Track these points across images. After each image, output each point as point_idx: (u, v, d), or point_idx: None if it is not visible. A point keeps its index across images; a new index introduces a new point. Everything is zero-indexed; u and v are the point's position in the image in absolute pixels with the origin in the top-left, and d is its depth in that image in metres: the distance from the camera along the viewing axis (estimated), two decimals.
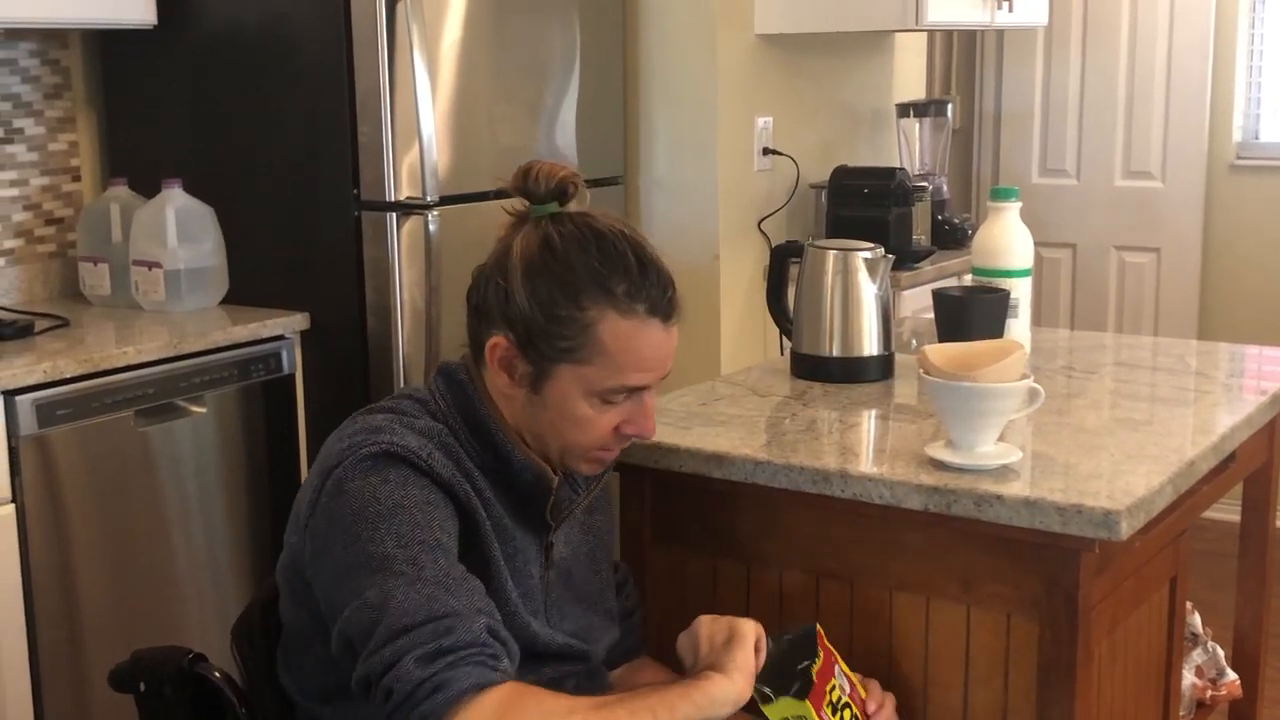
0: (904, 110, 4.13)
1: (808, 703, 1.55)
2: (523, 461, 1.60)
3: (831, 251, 2.24)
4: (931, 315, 2.38)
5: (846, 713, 1.60)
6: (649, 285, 1.55)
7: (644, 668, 1.84)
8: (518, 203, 1.60)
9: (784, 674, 1.58)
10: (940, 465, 1.72)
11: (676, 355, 1.66)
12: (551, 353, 1.54)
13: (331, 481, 1.50)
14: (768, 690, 1.56)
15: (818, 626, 1.63)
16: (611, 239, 1.55)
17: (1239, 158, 4.68)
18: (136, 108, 3.26)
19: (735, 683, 1.51)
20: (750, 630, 1.58)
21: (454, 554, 1.48)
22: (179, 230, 2.99)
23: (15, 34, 3.11)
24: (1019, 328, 2.33)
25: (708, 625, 1.60)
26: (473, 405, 1.60)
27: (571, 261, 1.53)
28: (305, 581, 1.54)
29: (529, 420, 1.60)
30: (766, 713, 1.57)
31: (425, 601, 1.40)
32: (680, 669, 1.63)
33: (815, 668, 1.57)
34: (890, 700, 1.69)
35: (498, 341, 1.56)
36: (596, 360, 1.54)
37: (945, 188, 4.11)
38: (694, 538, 1.92)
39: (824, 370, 2.24)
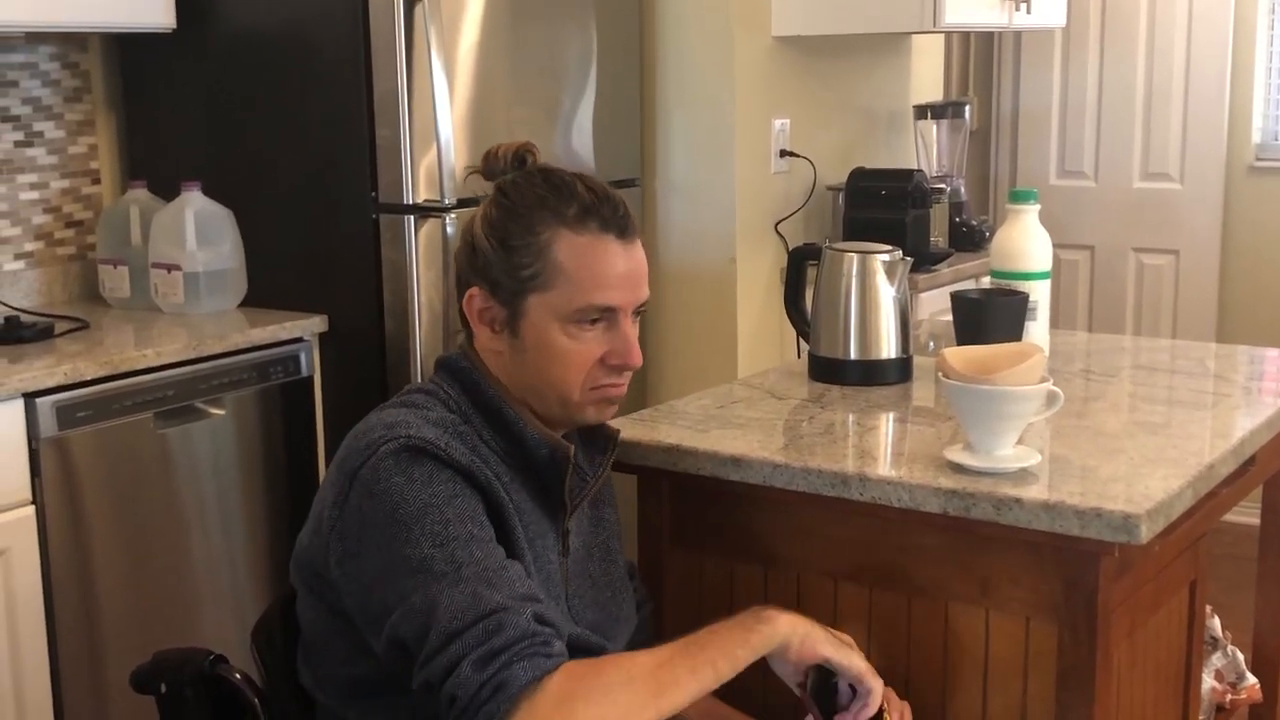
0: (921, 112, 4.13)
1: None
2: (536, 437, 1.61)
3: (850, 254, 2.23)
4: (949, 317, 2.38)
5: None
6: (599, 205, 1.60)
7: None
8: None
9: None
10: (959, 468, 1.72)
11: (692, 357, 1.67)
12: (517, 286, 1.59)
13: (358, 483, 1.51)
14: None
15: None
16: (559, 173, 1.63)
17: (1258, 159, 4.66)
18: (155, 111, 3.28)
19: (798, 622, 1.55)
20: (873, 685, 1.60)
21: (489, 540, 1.50)
22: (198, 233, 3.00)
23: (35, 37, 3.13)
24: (1038, 330, 2.32)
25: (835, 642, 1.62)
26: (478, 388, 1.62)
27: (522, 197, 1.61)
28: (326, 580, 1.55)
29: (521, 374, 1.62)
30: None
31: (471, 601, 1.41)
32: None
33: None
34: (906, 709, 1.69)
35: (472, 294, 1.62)
36: (558, 282, 1.58)
37: (963, 189, 4.11)
38: (711, 540, 1.92)
39: (842, 373, 2.23)
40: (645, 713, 1.41)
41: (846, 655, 1.58)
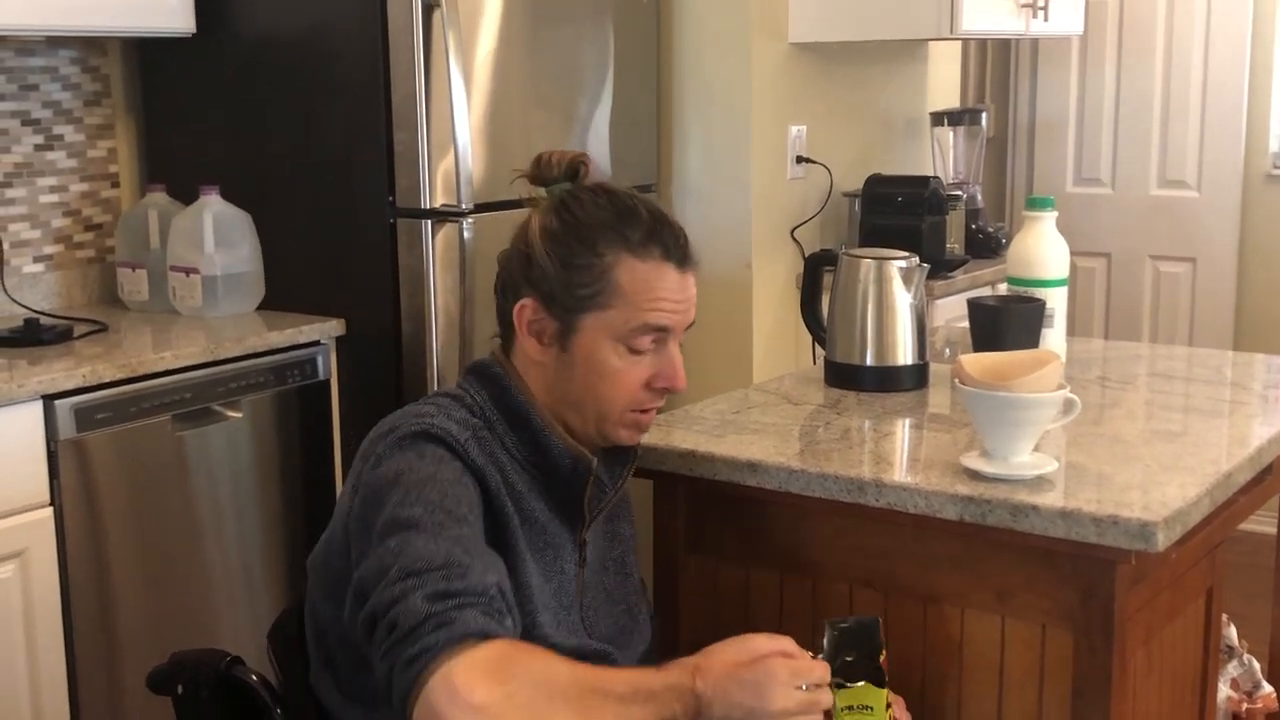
0: (938, 119, 4.12)
1: (884, 692, 1.54)
2: (561, 447, 1.62)
3: (866, 260, 2.24)
4: (965, 324, 2.38)
5: (893, 710, 1.60)
6: (662, 232, 1.62)
7: None
8: (538, 195, 1.67)
9: (846, 661, 1.55)
10: (975, 475, 1.72)
11: (708, 363, 1.67)
12: (574, 303, 1.59)
13: (375, 459, 1.54)
14: (840, 678, 1.53)
15: (880, 619, 1.62)
16: (624, 195, 1.64)
17: (1276, 167, 4.64)
18: (175, 115, 3.29)
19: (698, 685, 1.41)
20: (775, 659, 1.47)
21: (479, 533, 1.50)
22: (216, 236, 3.01)
23: (56, 41, 3.14)
24: (1054, 337, 2.32)
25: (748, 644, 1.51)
26: (508, 394, 1.63)
27: (587, 216, 1.61)
28: (337, 574, 1.55)
29: (562, 387, 1.62)
30: (837, 696, 1.52)
31: (443, 552, 1.40)
32: None
33: (884, 659, 1.57)
34: (900, 702, 1.69)
35: (524, 304, 1.62)
36: (617, 303, 1.59)
37: (979, 196, 4.10)
38: (727, 546, 1.92)
39: (858, 379, 2.24)
40: (564, 715, 1.35)
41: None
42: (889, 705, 1.58)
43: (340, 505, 1.59)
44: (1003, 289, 2.49)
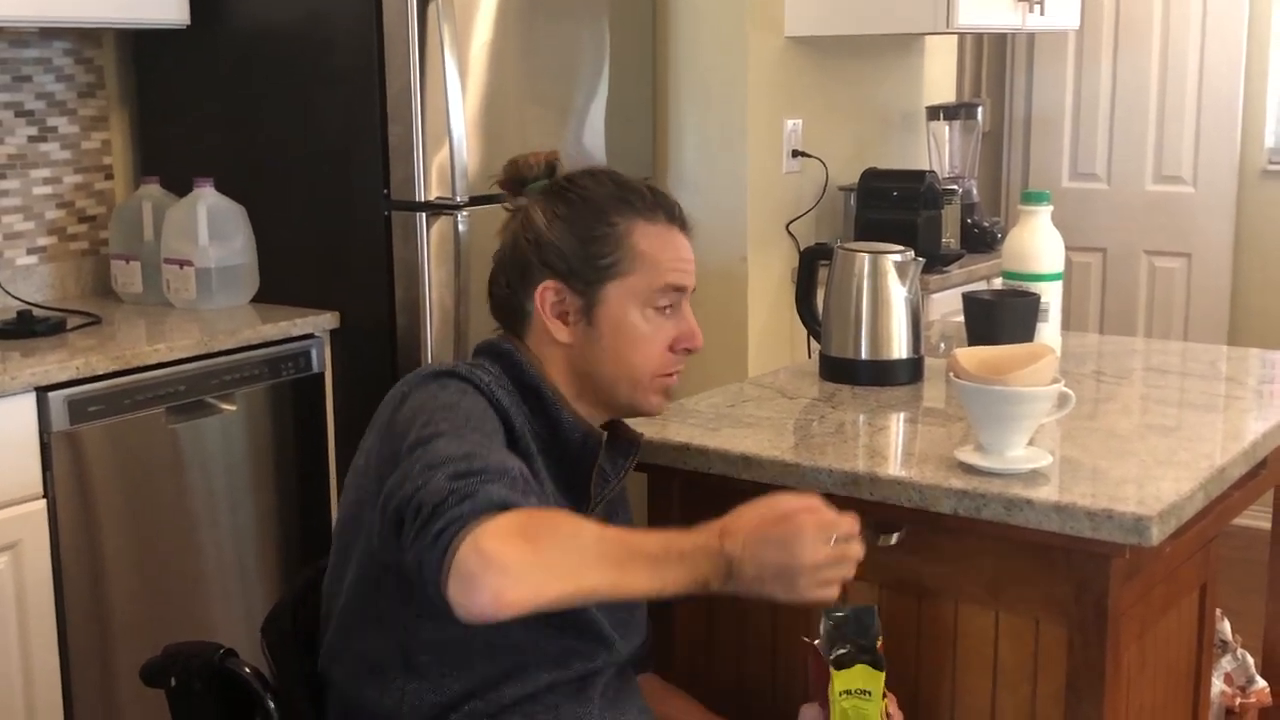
0: (934, 113, 4.12)
1: (881, 675, 1.54)
2: (571, 421, 1.64)
3: (861, 254, 2.23)
4: (960, 318, 2.38)
5: (888, 703, 1.60)
6: (661, 198, 1.69)
7: (645, 685, 1.83)
8: (516, 203, 1.71)
9: (845, 648, 1.56)
10: (970, 469, 1.72)
11: (703, 356, 1.71)
12: (596, 275, 1.63)
13: (396, 399, 1.57)
14: (844, 653, 1.54)
15: (875, 607, 1.63)
16: (616, 172, 1.71)
17: (1271, 163, 4.64)
18: (169, 106, 3.28)
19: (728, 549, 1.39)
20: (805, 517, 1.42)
21: (502, 448, 1.51)
22: (210, 228, 3.01)
23: (50, 33, 3.13)
24: (1049, 332, 2.32)
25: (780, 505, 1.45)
26: (519, 369, 1.64)
27: (590, 192, 1.66)
28: (365, 525, 1.55)
29: (590, 364, 1.65)
30: (835, 678, 1.54)
31: (465, 448, 1.43)
32: None
33: (881, 645, 1.57)
34: (891, 700, 1.69)
35: (546, 286, 1.64)
36: (638, 267, 1.64)
37: (975, 191, 4.10)
38: None
39: (853, 373, 2.23)
40: (594, 578, 1.35)
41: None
42: (885, 695, 1.58)
43: (356, 463, 1.60)
44: (998, 283, 2.49)
